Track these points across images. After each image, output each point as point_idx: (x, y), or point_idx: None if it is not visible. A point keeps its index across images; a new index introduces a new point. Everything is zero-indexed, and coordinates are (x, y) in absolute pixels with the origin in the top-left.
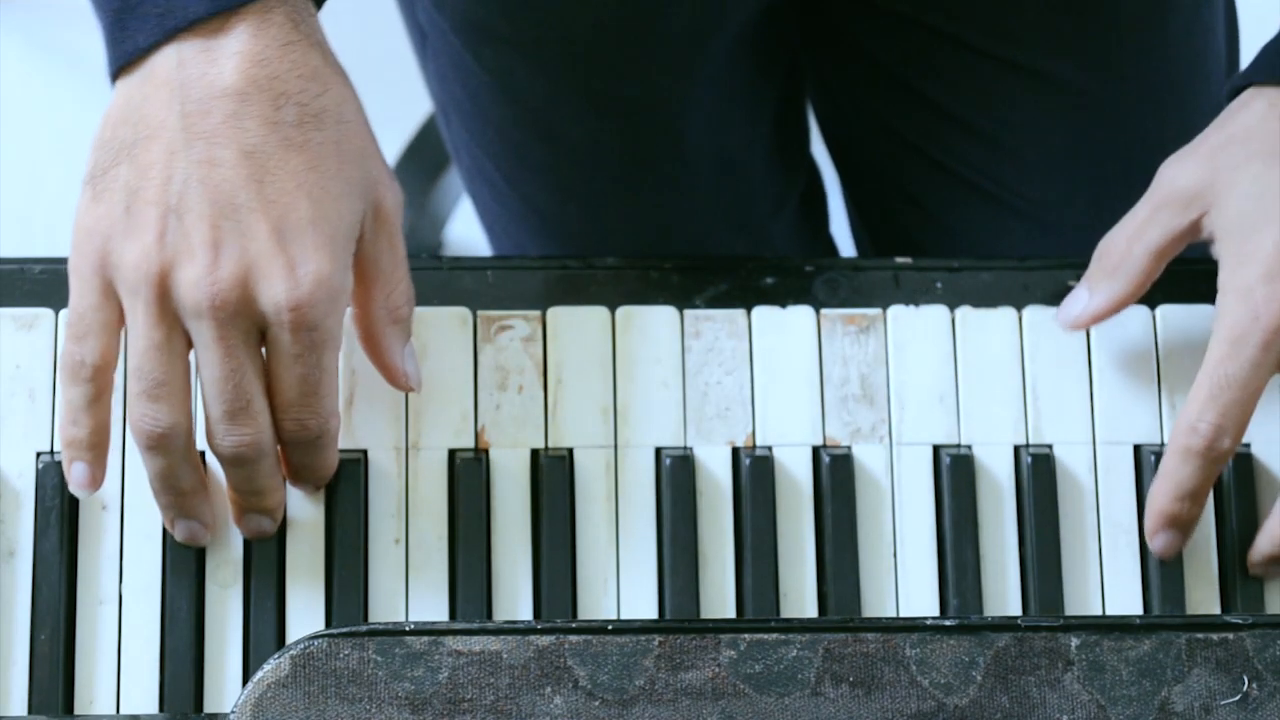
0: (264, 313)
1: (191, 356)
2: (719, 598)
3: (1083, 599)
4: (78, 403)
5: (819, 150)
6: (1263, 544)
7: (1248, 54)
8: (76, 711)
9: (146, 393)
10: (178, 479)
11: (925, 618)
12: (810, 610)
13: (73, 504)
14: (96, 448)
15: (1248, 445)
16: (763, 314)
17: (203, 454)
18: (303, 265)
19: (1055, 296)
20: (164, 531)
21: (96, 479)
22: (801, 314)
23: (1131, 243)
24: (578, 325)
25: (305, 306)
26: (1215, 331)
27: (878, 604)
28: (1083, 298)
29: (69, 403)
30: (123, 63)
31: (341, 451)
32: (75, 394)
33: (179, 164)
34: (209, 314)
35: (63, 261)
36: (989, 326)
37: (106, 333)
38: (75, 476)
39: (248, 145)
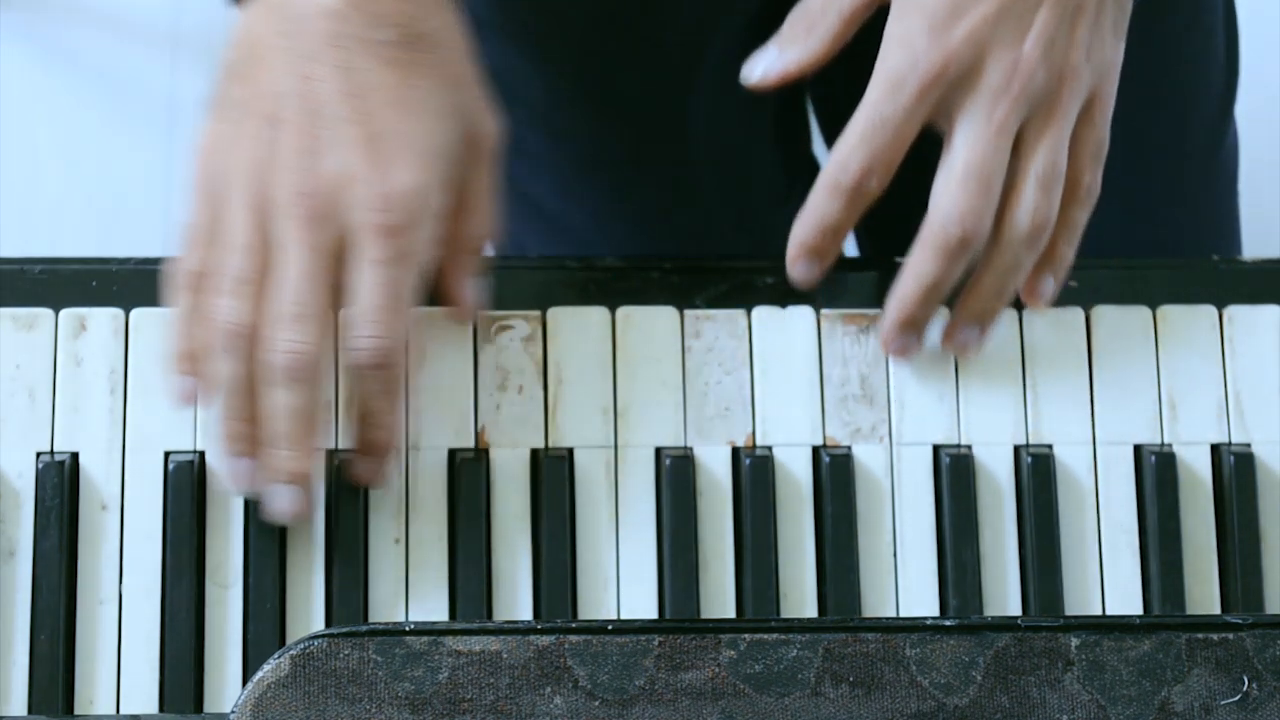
0: (350, 220)
1: None
2: (719, 598)
3: (1083, 599)
4: (184, 308)
5: (819, 151)
6: (890, 311)
7: (1248, 55)
8: (76, 711)
9: (230, 290)
10: (242, 397)
11: (925, 618)
12: (810, 610)
13: (73, 504)
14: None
15: (1248, 445)
16: (763, 314)
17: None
18: (392, 173)
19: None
20: (164, 531)
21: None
22: (801, 314)
23: (825, 7)
24: (578, 325)
25: (390, 211)
26: (875, 74)
27: (878, 604)
28: (772, 54)
29: (180, 313)
30: None
31: (342, 451)
32: (185, 304)
33: (279, 79)
34: (296, 213)
35: (62, 261)
36: None
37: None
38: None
39: (344, 62)
